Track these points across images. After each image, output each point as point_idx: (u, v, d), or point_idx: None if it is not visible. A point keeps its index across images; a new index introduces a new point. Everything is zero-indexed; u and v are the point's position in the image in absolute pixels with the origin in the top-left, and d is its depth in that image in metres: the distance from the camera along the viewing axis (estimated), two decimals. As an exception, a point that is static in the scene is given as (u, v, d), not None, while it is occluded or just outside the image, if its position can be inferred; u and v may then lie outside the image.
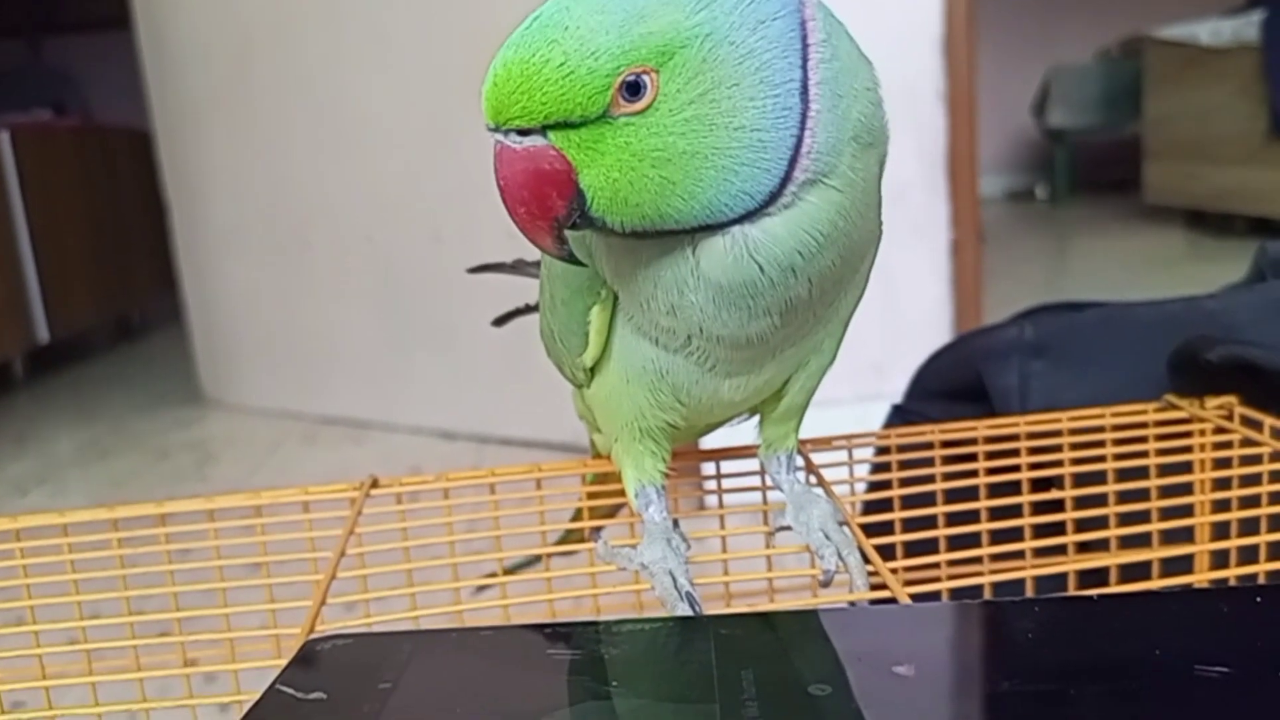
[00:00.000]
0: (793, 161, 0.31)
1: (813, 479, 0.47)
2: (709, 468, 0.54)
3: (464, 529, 0.53)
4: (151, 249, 2.73)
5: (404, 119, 1.46)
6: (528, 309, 0.54)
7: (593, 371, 0.42)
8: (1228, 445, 0.47)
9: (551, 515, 0.52)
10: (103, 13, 3.83)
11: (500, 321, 0.57)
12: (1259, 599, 0.29)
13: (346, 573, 0.47)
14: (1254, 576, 0.40)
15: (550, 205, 0.32)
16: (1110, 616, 0.28)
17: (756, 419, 0.45)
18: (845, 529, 0.42)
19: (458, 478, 0.54)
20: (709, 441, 1.12)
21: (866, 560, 0.42)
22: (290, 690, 0.24)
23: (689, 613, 0.41)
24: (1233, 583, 0.41)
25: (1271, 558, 0.41)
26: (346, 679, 0.25)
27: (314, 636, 0.26)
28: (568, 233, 0.33)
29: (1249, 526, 0.44)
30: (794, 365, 0.40)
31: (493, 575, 0.51)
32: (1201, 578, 0.46)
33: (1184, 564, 0.47)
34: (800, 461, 0.46)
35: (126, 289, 2.83)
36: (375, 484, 0.54)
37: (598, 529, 0.54)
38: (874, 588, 0.40)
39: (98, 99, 3.73)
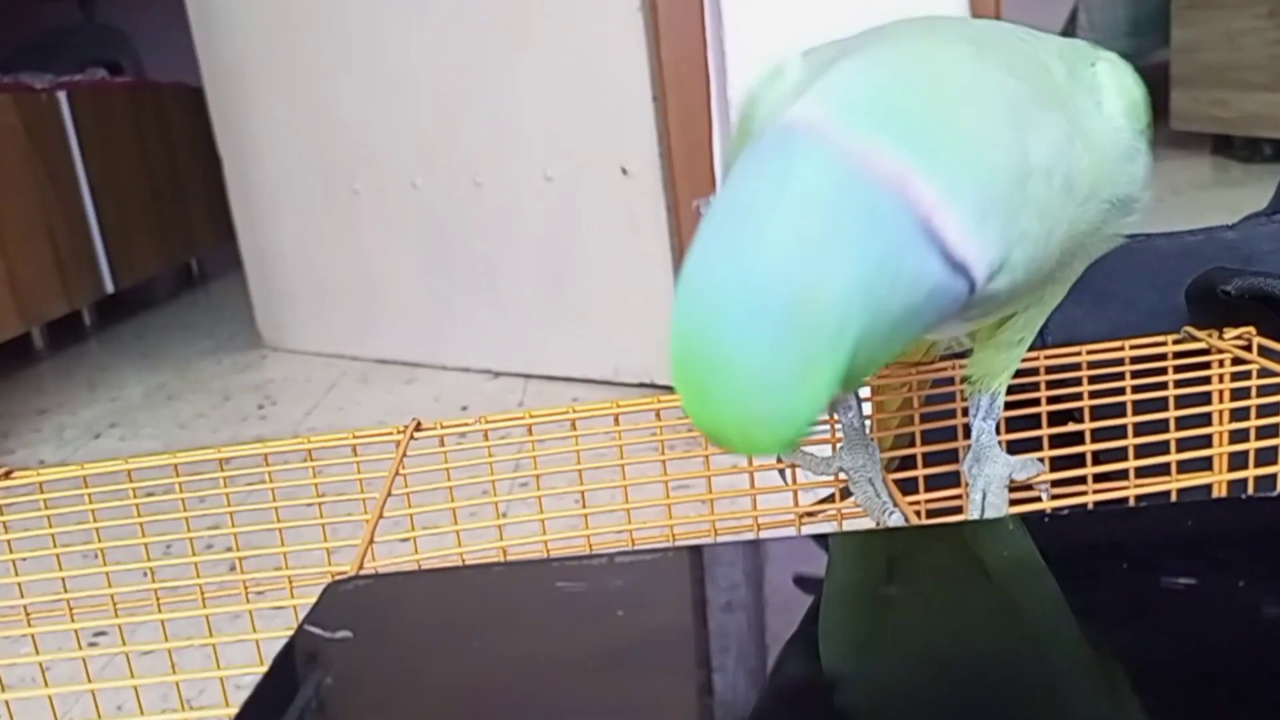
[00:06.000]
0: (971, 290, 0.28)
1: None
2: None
3: (506, 469, 0.55)
4: (208, 201, 2.78)
5: (440, 65, 1.47)
6: None
7: None
8: (1246, 376, 0.47)
9: (588, 455, 0.54)
10: (150, -31, 3.86)
11: None
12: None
13: (396, 512, 0.49)
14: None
15: None
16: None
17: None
18: (1006, 494, 0.41)
19: (497, 420, 0.56)
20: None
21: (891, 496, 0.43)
22: (318, 630, 0.25)
23: (896, 523, 0.40)
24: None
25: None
26: (371, 618, 0.26)
27: (337, 579, 0.28)
28: None
29: (1266, 456, 0.44)
30: (1021, 305, 0.38)
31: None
32: (1218, 507, 0.46)
33: (1201, 494, 0.48)
34: (997, 411, 0.42)
35: (186, 240, 2.89)
36: (419, 427, 0.56)
37: None
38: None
39: (150, 57, 3.75)
